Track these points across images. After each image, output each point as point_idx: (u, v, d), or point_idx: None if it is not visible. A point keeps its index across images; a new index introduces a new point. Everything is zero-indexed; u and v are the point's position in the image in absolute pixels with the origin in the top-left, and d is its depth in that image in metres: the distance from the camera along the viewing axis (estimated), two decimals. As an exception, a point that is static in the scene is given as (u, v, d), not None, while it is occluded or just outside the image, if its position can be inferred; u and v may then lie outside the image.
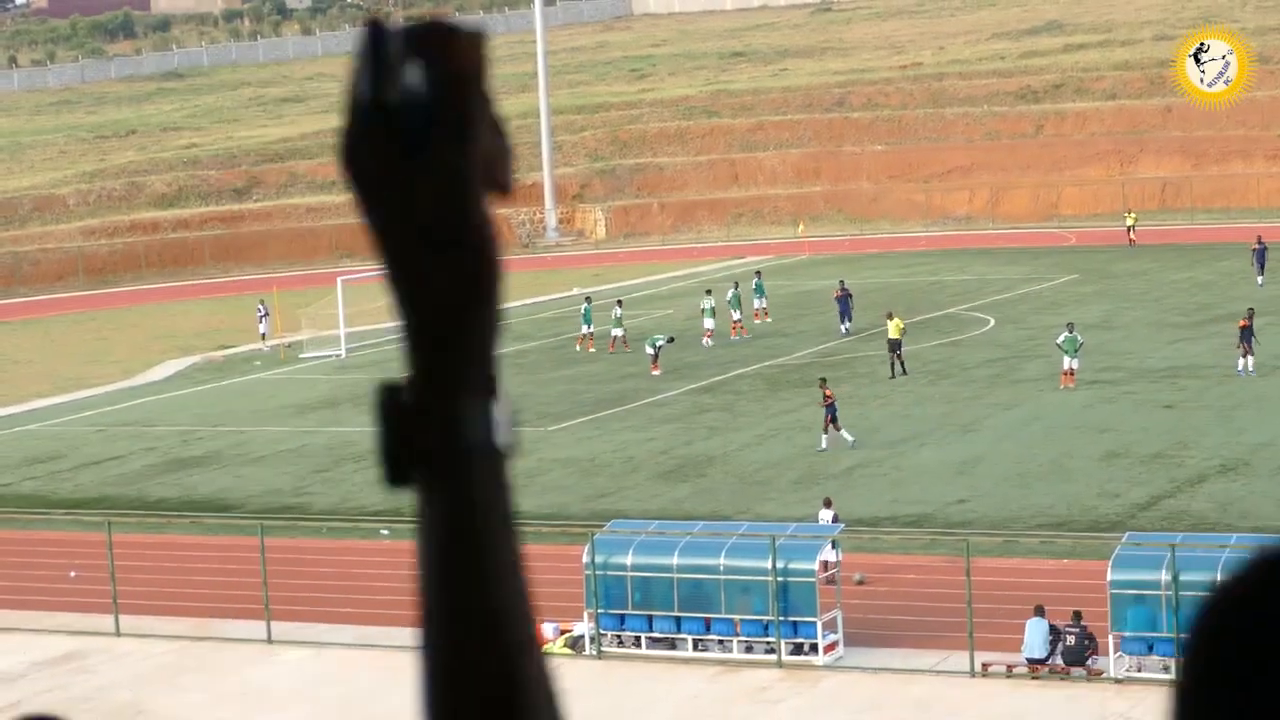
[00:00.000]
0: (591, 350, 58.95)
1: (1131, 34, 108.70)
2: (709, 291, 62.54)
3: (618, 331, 59.11)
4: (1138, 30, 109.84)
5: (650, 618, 32.75)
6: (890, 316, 53.85)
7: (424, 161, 1.48)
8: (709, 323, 60.21)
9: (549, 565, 35.27)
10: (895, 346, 52.26)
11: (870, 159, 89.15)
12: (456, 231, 1.52)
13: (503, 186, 1.57)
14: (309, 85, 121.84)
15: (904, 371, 51.98)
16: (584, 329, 60.13)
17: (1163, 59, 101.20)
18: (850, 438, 45.03)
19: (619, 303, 63.09)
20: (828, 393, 45.96)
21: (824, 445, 45.28)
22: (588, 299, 62.43)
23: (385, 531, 40.00)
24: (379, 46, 1.48)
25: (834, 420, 45.29)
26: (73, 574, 37.61)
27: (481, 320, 1.52)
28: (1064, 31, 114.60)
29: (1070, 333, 52.49)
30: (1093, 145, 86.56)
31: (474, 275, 1.52)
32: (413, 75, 1.47)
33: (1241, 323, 51.30)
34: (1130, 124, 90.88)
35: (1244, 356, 50.41)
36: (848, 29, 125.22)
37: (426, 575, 1.53)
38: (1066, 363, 50.41)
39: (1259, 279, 64.12)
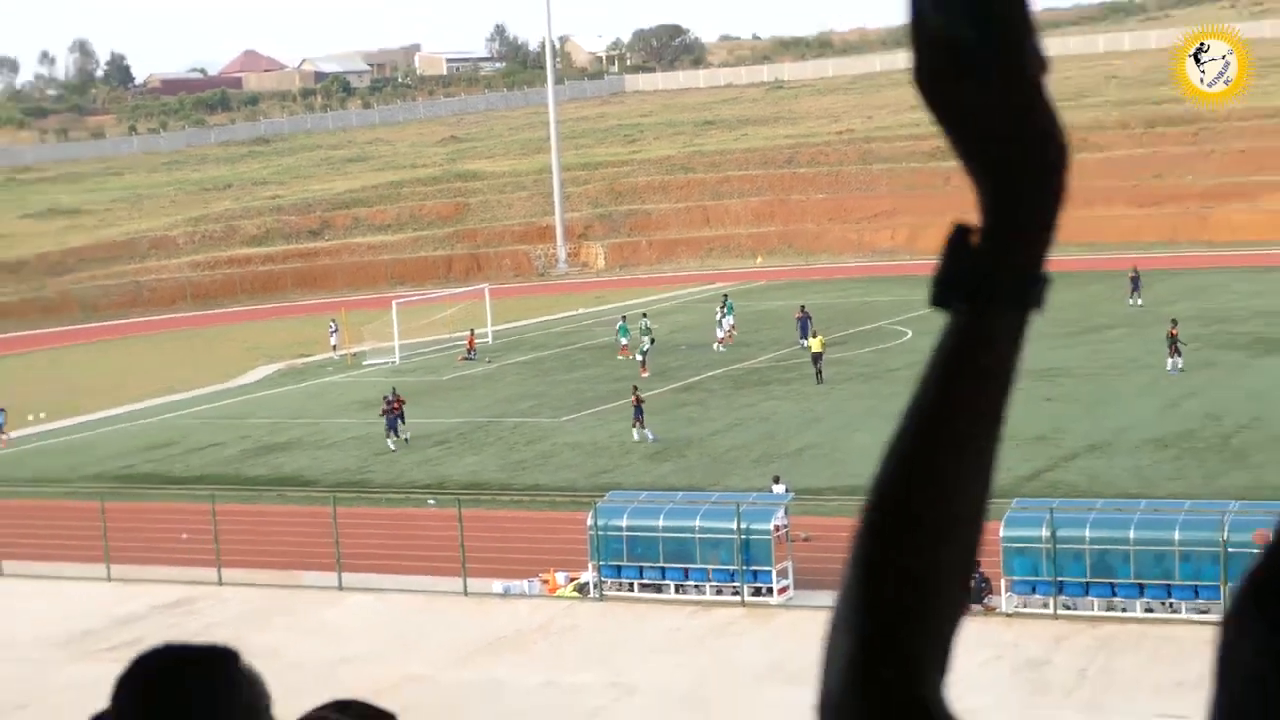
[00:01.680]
0: (627, 357, 58.22)
1: (857, 122, 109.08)
2: (726, 298, 62.66)
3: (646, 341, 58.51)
4: (875, 120, 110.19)
5: (641, 568, 32.82)
6: (814, 334, 54.12)
7: (995, 85, 1.40)
8: (723, 329, 60.27)
9: (562, 527, 35.38)
10: (816, 359, 52.34)
11: (814, 205, 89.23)
12: (1030, 130, 1.42)
13: (1042, 68, 1.43)
14: (368, 148, 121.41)
15: (820, 380, 51.92)
16: (622, 340, 59.56)
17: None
18: (651, 436, 45.55)
19: (644, 315, 62.79)
20: (636, 397, 46.48)
21: (636, 438, 45.77)
22: (623, 317, 61.95)
23: (432, 501, 40.03)
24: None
25: (640, 419, 45.81)
26: (184, 536, 37.52)
27: (1052, 197, 1.46)
28: (843, 149, 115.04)
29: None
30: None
31: (1048, 163, 1.44)
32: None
33: (1171, 331, 51.35)
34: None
35: (1171, 358, 50.71)
36: (796, 102, 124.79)
37: (931, 393, 1.42)
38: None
39: (1131, 300, 64.29)
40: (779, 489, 35.38)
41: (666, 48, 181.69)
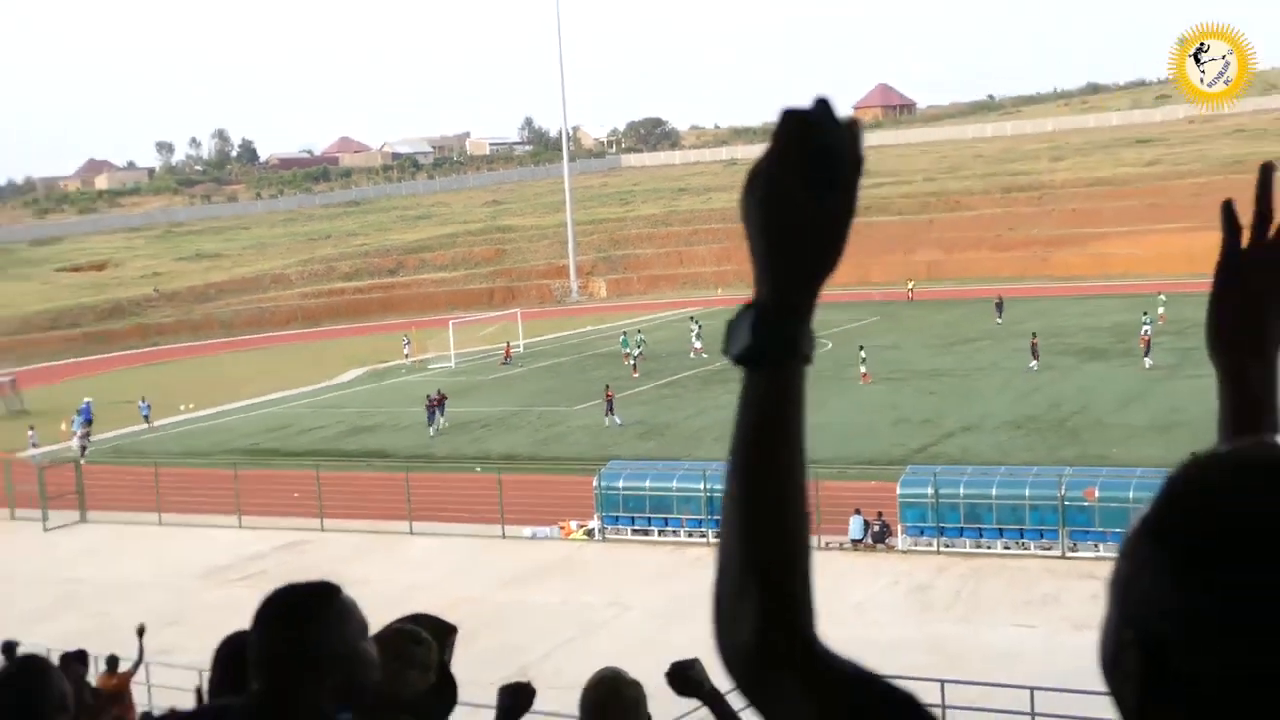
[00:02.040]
0: (628, 362, 57.72)
1: (908, 177, 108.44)
2: (694, 319, 62.10)
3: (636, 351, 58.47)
4: (908, 174, 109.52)
5: (633, 518, 32.84)
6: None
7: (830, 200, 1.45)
8: (697, 344, 59.60)
9: (574, 488, 35.30)
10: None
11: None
12: (834, 248, 1.47)
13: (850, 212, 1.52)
14: (431, 209, 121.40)
15: None
16: (624, 350, 58.97)
17: (930, 191, 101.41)
18: (620, 421, 45.62)
19: (638, 331, 62.83)
20: (609, 393, 46.71)
21: (606, 424, 45.89)
22: (624, 333, 61.62)
23: (478, 468, 39.95)
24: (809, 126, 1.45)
25: (611, 409, 46.06)
26: (295, 495, 37.50)
27: (814, 293, 1.49)
28: (870, 179, 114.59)
29: (862, 350, 52.57)
30: (888, 243, 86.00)
31: (828, 267, 1.46)
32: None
33: (1033, 341, 51.48)
34: (909, 229, 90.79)
35: (1033, 360, 50.76)
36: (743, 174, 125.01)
37: (745, 430, 1.48)
38: (863, 368, 50.52)
39: (997, 319, 64.00)
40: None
41: (651, 134, 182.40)
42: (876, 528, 31.06)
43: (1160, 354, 50.71)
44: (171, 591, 29.90)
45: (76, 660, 13.46)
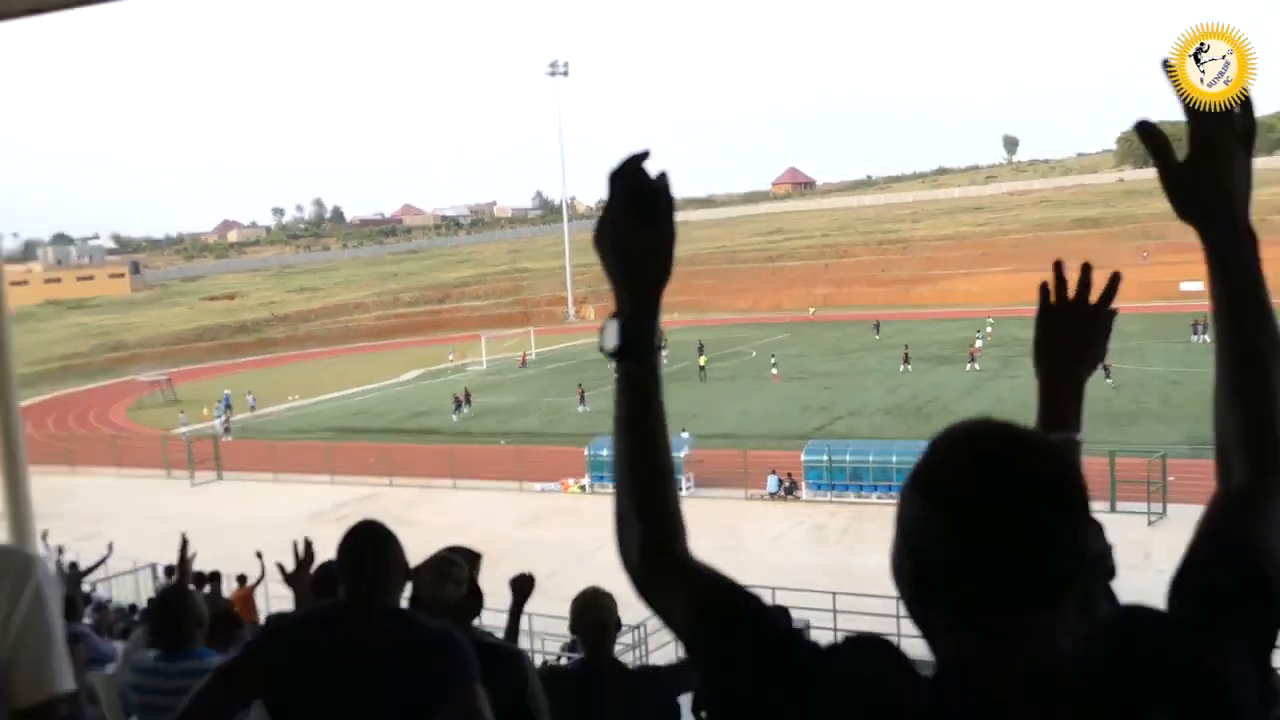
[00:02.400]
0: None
1: (809, 233, 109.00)
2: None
3: None
4: (810, 232, 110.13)
5: (607, 477, 32.68)
6: (701, 352, 53.96)
7: (651, 230, 1.50)
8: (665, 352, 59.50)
9: (571, 455, 35.01)
10: (702, 368, 52.05)
11: (703, 285, 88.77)
12: (663, 266, 1.52)
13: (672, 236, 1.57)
14: (470, 256, 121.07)
15: (704, 380, 51.51)
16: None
17: (825, 244, 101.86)
18: (589, 409, 44.51)
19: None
20: (580, 390, 46.11)
21: (579, 410, 45.01)
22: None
23: (503, 440, 39.82)
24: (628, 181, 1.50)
25: (583, 400, 45.38)
26: (370, 461, 37.37)
27: (653, 310, 1.51)
28: (783, 235, 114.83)
29: (773, 357, 52.59)
30: (794, 280, 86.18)
31: (661, 269, 1.51)
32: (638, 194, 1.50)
33: (905, 351, 51.46)
34: (810, 271, 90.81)
35: (904, 365, 50.25)
36: (695, 230, 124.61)
37: (623, 414, 1.52)
38: (774, 370, 50.52)
39: (876, 335, 63.64)
40: (685, 435, 35.30)
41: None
42: (787, 484, 31.00)
43: (987, 361, 51.07)
44: (282, 529, 29.81)
45: (213, 579, 14.25)
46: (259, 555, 17.87)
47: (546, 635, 15.63)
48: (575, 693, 4.21)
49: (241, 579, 17.80)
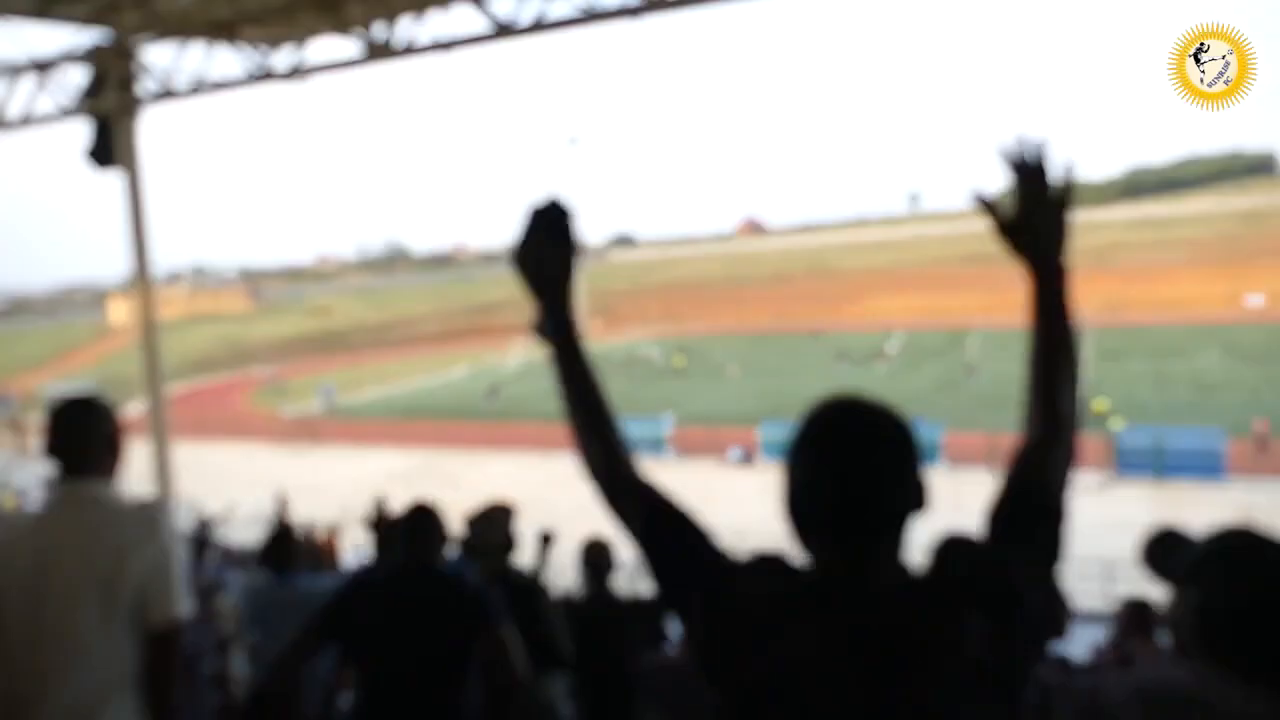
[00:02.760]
0: None
1: (763, 265, 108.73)
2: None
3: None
4: (763, 263, 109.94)
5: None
6: (679, 353, 53.60)
7: (556, 252, 1.51)
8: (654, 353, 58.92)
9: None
10: (678, 369, 51.53)
11: (690, 303, 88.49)
12: (562, 276, 1.53)
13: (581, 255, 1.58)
14: (505, 282, 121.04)
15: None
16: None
17: (775, 273, 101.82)
18: None
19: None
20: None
21: None
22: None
23: (532, 420, 39.86)
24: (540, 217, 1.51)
25: None
26: (429, 435, 37.32)
27: (567, 305, 1.53)
28: (742, 266, 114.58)
29: (732, 360, 52.36)
30: (754, 301, 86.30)
31: (568, 270, 1.53)
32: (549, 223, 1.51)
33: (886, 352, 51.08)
34: (763, 293, 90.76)
35: (846, 363, 49.78)
36: (675, 266, 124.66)
37: (561, 381, 1.54)
38: (733, 369, 50.26)
39: (815, 342, 63.39)
40: (669, 416, 35.30)
41: (623, 241, 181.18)
42: (746, 454, 31.00)
43: (900, 363, 51.06)
44: (362, 489, 29.75)
45: (304, 527, 14.18)
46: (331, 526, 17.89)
47: (565, 567, 15.58)
48: (580, 618, 4.22)
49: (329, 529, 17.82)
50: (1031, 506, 1.31)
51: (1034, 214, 1.45)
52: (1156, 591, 1.69)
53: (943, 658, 1.15)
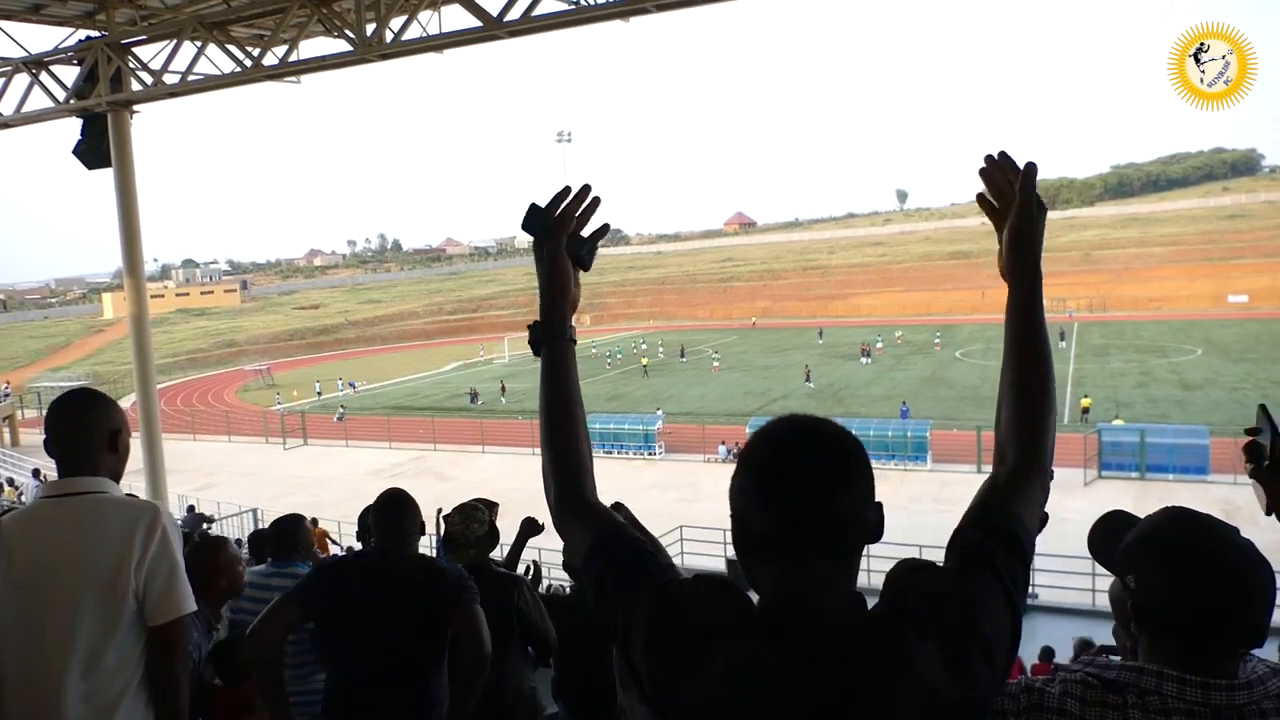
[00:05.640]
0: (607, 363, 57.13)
1: (751, 262, 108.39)
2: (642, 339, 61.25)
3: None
4: (752, 260, 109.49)
5: (604, 445, 32.01)
6: (683, 351, 53.47)
7: (547, 250, 1.57)
8: (643, 347, 58.71)
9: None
10: (644, 367, 51.26)
11: (672, 301, 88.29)
12: (561, 274, 1.59)
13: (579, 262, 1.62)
14: (497, 276, 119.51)
15: (680, 366, 51.12)
16: (618, 354, 58.55)
17: (763, 270, 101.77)
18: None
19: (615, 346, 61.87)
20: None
21: None
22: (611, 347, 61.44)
23: (520, 417, 39.58)
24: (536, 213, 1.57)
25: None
26: (420, 431, 37.29)
27: (563, 302, 1.58)
28: (732, 262, 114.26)
29: (715, 353, 52.27)
30: (740, 297, 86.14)
31: (563, 290, 1.58)
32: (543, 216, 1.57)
33: (873, 348, 51.03)
34: (752, 289, 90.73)
35: (866, 358, 49.59)
36: (668, 259, 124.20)
37: (543, 384, 1.54)
38: (715, 364, 50.22)
39: (820, 340, 63.24)
40: (659, 413, 35.27)
41: (614, 236, 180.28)
42: (735, 451, 30.93)
43: (888, 359, 51.21)
44: (351, 481, 29.63)
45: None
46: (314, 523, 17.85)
47: (552, 565, 15.57)
48: (565, 611, 4.22)
49: (314, 521, 17.67)
50: (999, 537, 1.25)
51: (1036, 218, 1.42)
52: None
53: (897, 689, 1.10)
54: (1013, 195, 1.43)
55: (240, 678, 3.09)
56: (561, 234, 1.55)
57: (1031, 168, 1.41)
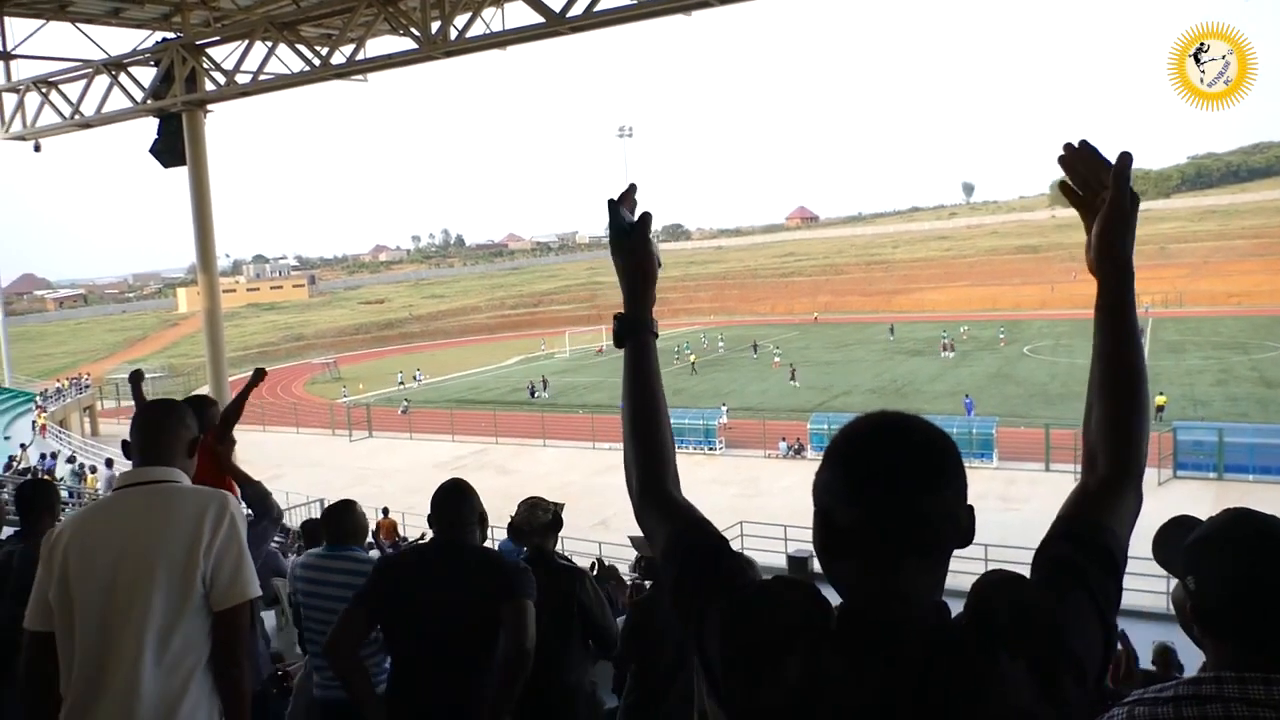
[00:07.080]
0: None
1: (814, 256, 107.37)
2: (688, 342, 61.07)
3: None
4: (814, 255, 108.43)
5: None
6: (688, 350, 52.88)
7: (631, 244, 1.55)
8: (703, 347, 58.71)
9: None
10: (695, 365, 50.89)
11: (734, 296, 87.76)
12: (644, 270, 1.56)
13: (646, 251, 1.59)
14: (558, 272, 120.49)
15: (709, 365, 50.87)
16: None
17: (826, 264, 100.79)
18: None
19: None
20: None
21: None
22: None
23: (581, 411, 39.84)
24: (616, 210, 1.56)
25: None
26: (482, 424, 37.67)
27: (648, 297, 1.55)
28: (794, 257, 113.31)
29: (776, 349, 51.76)
30: (802, 292, 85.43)
31: (647, 283, 1.55)
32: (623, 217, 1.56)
33: (943, 342, 50.45)
34: (814, 284, 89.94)
35: (949, 352, 49.26)
36: (728, 254, 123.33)
37: (627, 379, 1.52)
38: (776, 359, 49.79)
39: (890, 336, 61.91)
40: (723, 408, 35.02)
41: (675, 231, 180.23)
42: (796, 447, 30.71)
43: (956, 355, 50.40)
44: (416, 473, 30.06)
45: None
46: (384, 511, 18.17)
47: (617, 560, 15.62)
48: (635, 608, 4.20)
49: (384, 510, 18.08)
50: (1090, 551, 1.20)
51: (1130, 213, 1.37)
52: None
53: (981, 707, 1.05)
54: (1098, 183, 1.38)
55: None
56: (645, 228, 1.54)
57: (1126, 158, 1.35)
